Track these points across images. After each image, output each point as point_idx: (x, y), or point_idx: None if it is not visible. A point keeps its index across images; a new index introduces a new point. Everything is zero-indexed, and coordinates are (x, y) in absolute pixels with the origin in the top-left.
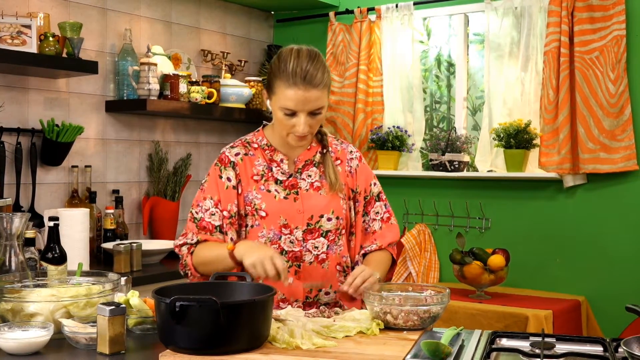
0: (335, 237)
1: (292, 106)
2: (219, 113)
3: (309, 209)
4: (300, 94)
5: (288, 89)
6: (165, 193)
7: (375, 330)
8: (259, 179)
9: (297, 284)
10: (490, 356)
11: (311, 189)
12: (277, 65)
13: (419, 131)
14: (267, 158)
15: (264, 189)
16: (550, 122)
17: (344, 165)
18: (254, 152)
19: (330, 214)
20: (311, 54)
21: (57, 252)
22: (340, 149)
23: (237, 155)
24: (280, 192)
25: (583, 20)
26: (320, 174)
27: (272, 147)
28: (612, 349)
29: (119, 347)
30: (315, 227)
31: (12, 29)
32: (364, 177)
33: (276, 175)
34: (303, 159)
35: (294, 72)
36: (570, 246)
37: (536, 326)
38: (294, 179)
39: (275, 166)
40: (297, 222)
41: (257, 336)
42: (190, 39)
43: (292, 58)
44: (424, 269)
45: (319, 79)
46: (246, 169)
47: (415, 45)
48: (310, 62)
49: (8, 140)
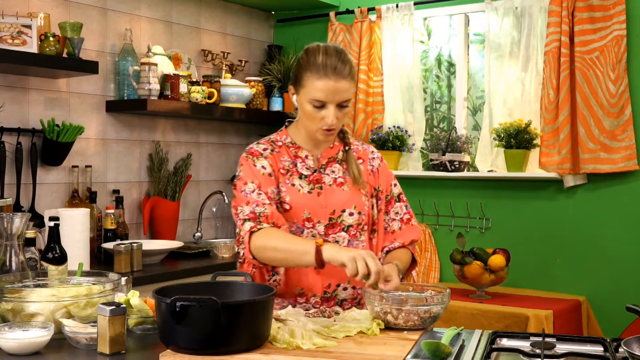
0: (357, 232)
1: (323, 97)
2: (220, 113)
3: (331, 203)
4: (331, 85)
5: (318, 81)
6: (165, 193)
7: (375, 330)
8: (284, 173)
9: (316, 278)
10: (490, 356)
11: (334, 185)
12: (305, 59)
13: (419, 131)
14: (292, 155)
15: (289, 183)
16: (551, 122)
17: (366, 164)
18: (279, 149)
19: (353, 209)
20: (338, 49)
21: (57, 252)
22: (362, 149)
23: (266, 150)
24: (304, 187)
25: (583, 20)
26: (343, 171)
27: (296, 144)
28: (612, 349)
29: (119, 347)
30: (337, 221)
31: (13, 29)
32: (385, 176)
33: (301, 170)
34: (326, 156)
35: (324, 64)
36: (571, 246)
37: (537, 326)
38: (318, 174)
39: (300, 162)
40: (320, 217)
41: (258, 336)
42: (191, 39)
43: (321, 52)
44: (425, 269)
45: (348, 70)
46: (276, 162)
47: (415, 45)
48: (338, 56)
49: (8, 140)
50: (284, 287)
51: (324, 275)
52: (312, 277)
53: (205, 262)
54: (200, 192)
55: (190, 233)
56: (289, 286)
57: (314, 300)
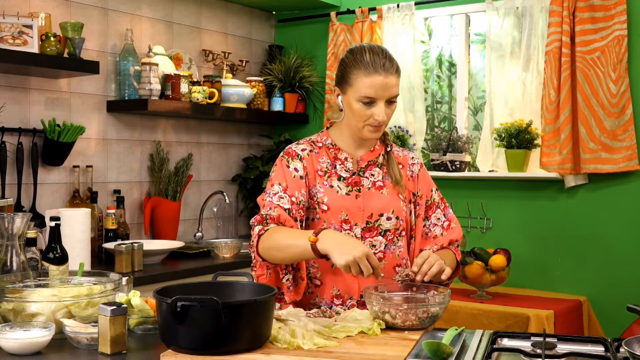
0: (394, 237)
1: (373, 93)
2: (220, 113)
3: (369, 207)
4: (381, 80)
5: (367, 77)
6: (166, 193)
7: (376, 330)
8: (322, 175)
9: (352, 281)
10: (491, 356)
11: (373, 188)
12: (352, 58)
13: (420, 131)
14: (332, 156)
15: (327, 184)
16: (552, 122)
17: (406, 170)
18: (319, 150)
19: (390, 214)
20: (382, 47)
21: (58, 252)
22: (402, 155)
23: (304, 151)
24: (342, 189)
25: (584, 20)
26: (383, 174)
27: (337, 146)
28: (613, 349)
29: (120, 347)
30: (374, 225)
31: (14, 29)
32: (425, 182)
33: (340, 172)
34: (366, 159)
35: (373, 61)
36: (572, 246)
37: (537, 326)
38: (357, 176)
39: (340, 164)
40: (357, 219)
41: (259, 336)
42: (192, 39)
43: (367, 51)
44: None
45: (395, 66)
46: (313, 163)
47: (416, 45)
48: (384, 53)
49: (9, 141)
50: (322, 287)
51: (361, 278)
52: (349, 279)
53: (206, 262)
54: (201, 192)
55: (191, 233)
56: (326, 285)
57: (350, 303)
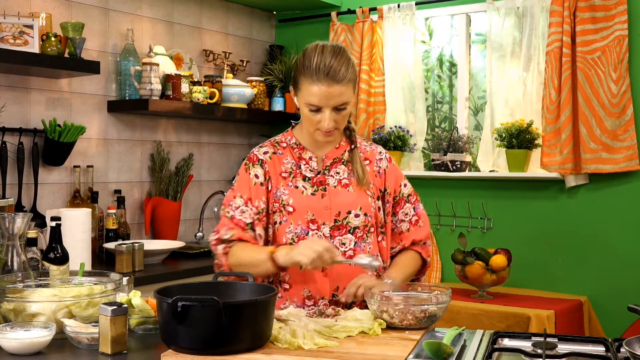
0: (364, 234)
1: (316, 102)
2: (221, 113)
3: (336, 205)
4: (324, 90)
5: (312, 85)
6: (167, 193)
7: (377, 330)
8: (287, 176)
9: (324, 281)
10: (492, 356)
11: (339, 186)
12: (301, 62)
13: (420, 131)
14: (296, 156)
15: (292, 185)
16: (552, 122)
17: (373, 166)
18: (283, 150)
19: (358, 210)
20: (335, 50)
21: (59, 252)
22: (370, 150)
23: (266, 154)
24: (307, 189)
25: (585, 20)
26: (348, 172)
27: (301, 145)
28: (614, 349)
29: (121, 347)
30: (343, 223)
31: (14, 29)
32: (393, 177)
33: (304, 173)
34: (331, 157)
35: (317, 68)
36: (572, 246)
37: (538, 326)
38: (322, 175)
39: (304, 164)
40: (325, 219)
41: (259, 336)
42: (192, 39)
43: (316, 54)
44: None
45: (343, 74)
46: (275, 166)
47: (417, 45)
48: (334, 58)
49: (10, 141)
50: (291, 290)
51: (331, 278)
52: (320, 280)
53: (206, 262)
54: (201, 192)
55: (192, 233)
56: (296, 288)
57: (322, 303)
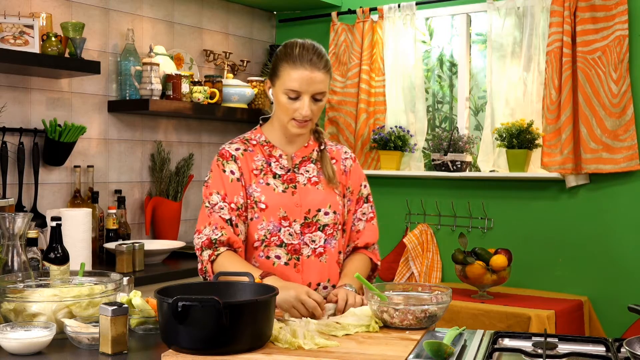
0: (334, 231)
1: (297, 87)
2: (221, 113)
3: (306, 203)
4: (307, 75)
5: (294, 70)
6: (167, 193)
7: (375, 327)
8: (258, 173)
9: (296, 277)
10: (492, 356)
11: (309, 184)
12: (282, 51)
13: (421, 131)
14: (266, 154)
15: (263, 183)
16: (553, 122)
17: (339, 164)
18: (253, 148)
19: (328, 209)
20: (315, 44)
21: (59, 252)
22: (336, 150)
23: (237, 150)
24: (279, 186)
25: (585, 20)
26: (317, 170)
27: (270, 143)
28: (614, 349)
29: (121, 347)
30: (313, 221)
31: (15, 29)
32: (356, 177)
33: (275, 170)
34: (300, 155)
35: (301, 55)
36: (573, 246)
37: (538, 326)
38: (292, 173)
39: (274, 161)
40: (295, 216)
41: (260, 336)
42: (193, 39)
43: (298, 45)
44: (426, 269)
45: (324, 63)
46: (247, 163)
47: (417, 45)
48: (315, 49)
49: (10, 141)
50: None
51: (305, 274)
52: (293, 276)
53: None
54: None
55: (192, 233)
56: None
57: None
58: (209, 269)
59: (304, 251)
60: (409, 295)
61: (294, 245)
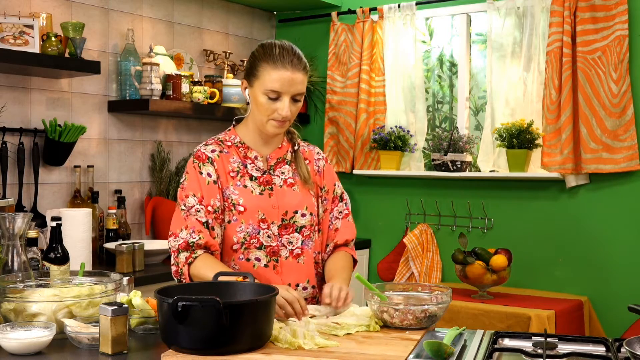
0: (311, 232)
1: (278, 87)
2: (221, 113)
3: (283, 205)
4: (287, 75)
5: (275, 70)
6: (167, 193)
7: (375, 327)
8: (235, 176)
9: (275, 278)
10: (492, 356)
11: (285, 185)
12: (261, 52)
13: (421, 131)
14: (242, 156)
15: (241, 185)
16: (553, 122)
17: (312, 165)
18: (228, 150)
19: (304, 210)
20: (293, 46)
21: (59, 252)
22: (308, 150)
23: (213, 152)
24: (256, 188)
25: (585, 20)
26: (292, 171)
27: (245, 144)
28: (614, 349)
29: (121, 347)
30: (290, 222)
31: (15, 29)
32: (330, 176)
33: (251, 172)
34: (275, 157)
35: (282, 55)
36: (573, 246)
37: (539, 326)
38: (268, 175)
39: (250, 163)
40: (273, 217)
41: (260, 336)
42: (193, 39)
43: (277, 46)
44: (427, 269)
45: (303, 64)
46: (224, 165)
47: (417, 45)
48: (294, 51)
49: (10, 141)
50: None
51: (284, 275)
52: (272, 277)
53: None
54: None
55: None
56: None
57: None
58: (185, 271)
59: (282, 253)
60: (409, 295)
61: (273, 247)
